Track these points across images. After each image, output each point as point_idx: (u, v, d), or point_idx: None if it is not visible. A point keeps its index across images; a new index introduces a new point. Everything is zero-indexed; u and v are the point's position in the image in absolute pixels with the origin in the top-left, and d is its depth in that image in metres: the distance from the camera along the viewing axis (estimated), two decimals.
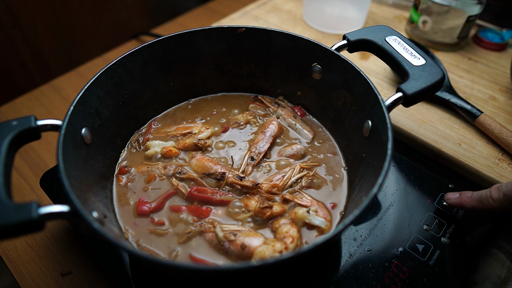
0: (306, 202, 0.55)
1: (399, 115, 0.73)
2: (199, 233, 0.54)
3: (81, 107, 0.53)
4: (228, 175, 0.58)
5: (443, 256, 0.55)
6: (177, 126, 0.67)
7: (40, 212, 0.40)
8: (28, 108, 0.84)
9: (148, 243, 0.53)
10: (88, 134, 0.54)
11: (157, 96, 0.68)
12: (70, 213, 0.42)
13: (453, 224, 0.59)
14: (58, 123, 0.49)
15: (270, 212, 0.53)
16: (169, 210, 0.56)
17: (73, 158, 0.49)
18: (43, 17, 1.19)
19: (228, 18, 0.96)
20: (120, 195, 0.59)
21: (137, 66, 0.62)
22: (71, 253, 0.60)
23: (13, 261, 0.60)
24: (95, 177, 0.55)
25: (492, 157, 0.65)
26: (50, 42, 1.24)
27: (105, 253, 0.55)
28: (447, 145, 0.67)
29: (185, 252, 0.52)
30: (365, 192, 0.47)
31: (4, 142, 0.45)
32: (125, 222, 0.56)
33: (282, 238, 0.51)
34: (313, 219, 0.53)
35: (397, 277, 0.53)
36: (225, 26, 0.64)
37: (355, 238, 0.57)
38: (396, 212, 0.60)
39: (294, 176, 0.58)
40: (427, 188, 0.63)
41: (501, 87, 0.79)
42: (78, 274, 0.58)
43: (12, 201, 0.40)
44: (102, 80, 0.57)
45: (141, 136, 0.66)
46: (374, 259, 0.55)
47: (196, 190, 0.57)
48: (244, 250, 0.50)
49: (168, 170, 0.60)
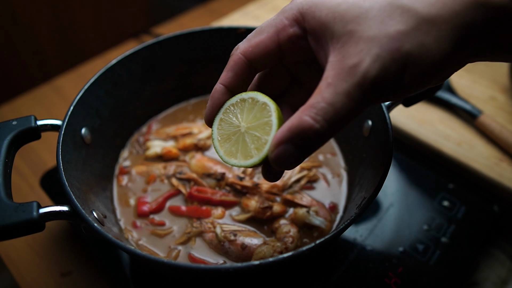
0: (306, 203, 0.55)
1: (399, 115, 0.73)
2: (199, 233, 0.54)
3: (81, 107, 0.53)
4: (228, 175, 0.58)
5: (443, 256, 0.55)
6: (177, 126, 0.67)
7: (40, 212, 0.40)
8: (28, 108, 0.84)
9: (148, 243, 0.53)
10: (88, 134, 0.54)
11: (157, 96, 0.68)
12: (70, 213, 0.42)
13: (453, 224, 0.59)
14: (58, 123, 0.49)
15: (270, 212, 0.54)
16: (169, 211, 0.57)
17: (73, 158, 0.49)
18: (43, 17, 1.19)
19: (228, 18, 0.96)
20: (120, 196, 0.59)
21: (137, 66, 0.62)
22: (71, 253, 0.60)
23: (13, 261, 0.60)
24: (95, 177, 0.55)
25: (492, 157, 0.65)
26: (50, 42, 1.24)
27: (105, 253, 0.55)
28: (447, 145, 0.67)
29: (185, 252, 0.52)
30: (365, 192, 0.47)
31: (4, 142, 0.45)
32: (125, 222, 0.56)
33: (282, 238, 0.51)
34: (313, 219, 0.53)
35: (397, 277, 0.53)
36: (225, 27, 0.64)
37: (355, 238, 0.57)
38: (396, 212, 0.60)
39: (294, 176, 0.58)
40: (427, 188, 0.63)
41: (501, 87, 0.79)
42: (78, 274, 0.58)
43: (12, 201, 0.40)
44: (102, 80, 0.57)
45: (141, 137, 0.66)
46: (374, 259, 0.55)
47: (196, 190, 0.57)
48: (244, 250, 0.50)
49: (168, 171, 0.60)
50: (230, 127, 0.39)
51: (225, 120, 0.40)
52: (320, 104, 0.31)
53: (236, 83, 0.39)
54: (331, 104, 0.31)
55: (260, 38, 0.38)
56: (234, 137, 0.39)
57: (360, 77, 0.31)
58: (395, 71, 0.31)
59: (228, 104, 0.40)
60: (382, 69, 0.31)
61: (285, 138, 0.32)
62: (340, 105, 0.31)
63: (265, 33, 0.37)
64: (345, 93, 0.31)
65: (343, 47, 0.32)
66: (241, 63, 0.38)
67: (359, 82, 0.31)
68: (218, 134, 0.40)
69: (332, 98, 0.31)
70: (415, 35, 0.30)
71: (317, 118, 0.31)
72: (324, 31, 0.34)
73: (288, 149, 0.32)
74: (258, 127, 0.38)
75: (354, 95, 0.31)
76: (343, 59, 0.32)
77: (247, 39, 0.39)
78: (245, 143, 0.38)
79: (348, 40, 0.32)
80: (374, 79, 0.31)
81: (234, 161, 0.38)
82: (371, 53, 0.31)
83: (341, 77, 0.31)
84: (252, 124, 0.38)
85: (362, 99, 0.31)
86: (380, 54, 0.31)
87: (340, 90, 0.31)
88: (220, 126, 0.40)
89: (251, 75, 0.40)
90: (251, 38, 0.38)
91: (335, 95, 0.31)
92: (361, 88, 0.31)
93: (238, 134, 0.39)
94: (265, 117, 0.37)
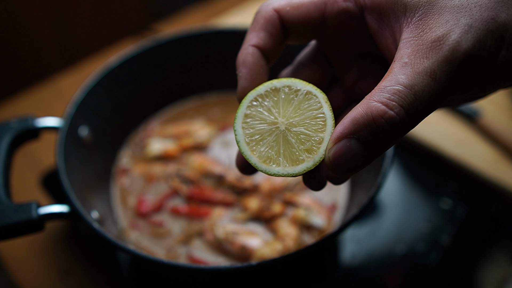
0: (306, 203, 0.55)
1: None
2: (199, 233, 0.54)
3: (81, 107, 0.53)
4: (227, 176, 0.58)
5: (444, 256, 0.55)
6: (177, 126, 0.67)
7: (40, 213, 0.40)
8: (28, 108, 0.84)
9: (147, 243, 0.53)
10: (87, 134, 0.54)
11: (157, 96, 0.68)
12: (70, 213, 0.42)
13: (453, 224, 0.59)
14: (58, 123, 0.49)
15: (270, 213, 0.53)
16: (168, 211, 0.56)
17: (73, 158, 0.49)
18: (43, 16, 1.19)
19: (228, 15, 0.96)
20: (119, 195, 0.59)
21: (137, 66, 0.62)
22: (70, 253, 0.60)
23: (13, 261, 0.60)
24: (95, 177, 0.55)
25: (492, 157, 0.65)
26: (49, 41, 1.24)
27: (105, 254, 0.55)
28: (447, 145, 0.67)
29: (185, 252, 0.52)
30: (365, 192, 0.47)
31: (4, 142, 0.45)
32: (124, 222, 0.56)
33: (282, 238, 0.51)
34: (313, 220, 0.53)
35: (397, 277, 0.53)
36: (225, 29, 0.64)
37: (355, 238, 0.57)
38: (396, 212, 0.60)
39: None
40: (427, 188, 0.63)
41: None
42: (78, 274, 0.58)
43: (12, 201, 0.40)
44: (102, 80, 0.57)
45: (140, 136, 0.66)
46: (374, 259, 0.55)
47: (196, 190, 0.57)
48: (244, 251, 0.50)
49: (168, 171, 0.60)
50: (262, 125, 0.30)
51: (253, 116, 0.30)
52: (394, 87, 0.25)
53: (272, 46, 0.32)
54: (410, 87, 0.24)
55: (303, 0, 0.31)
56: (271, 137, 0.30)
57: (448, 51, 0.24)
58: (491, 46, 0.25)
59: (254, 95, 0.31)
60: (476, 41, 0.24)
61: (349, 131, 0.25)
62: (421, 87, 0.24)
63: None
64: (427, 72, 0.24)
65: (421, 20, 0.26)
66: (275, 21, 0.31)
67: (447, 58, 0.24)
68: (245, 135, 0.30)
69: (411, 79, 0.24)
70: (510, 4, 0.25)
71: (391, 104, 0.24)
72: (393, 4, 0.28)
73: (351, 145, 0.25)
74: (304, 122, 0.30)
75: (440, 75, 0.24)
76: (423, 34, 0.25)
77: None
78: (289, 144, 0.30)
79: (428, 11, 0.26)
80: (467, 53, 0.24)
81: (277, 169, 0.29)
82: (460, 23, 0.25)
83: (422, 54, 0.25)
84: (295, 119, 0.30)
85: (450, 80, 0.25)
86: (472, 24, 0.24)
87: (420, 69, 0.24)
88: (246, 124, 0.30)
89: (283, 44, 0.32)
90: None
91: (414, 75, 0.24)
92: (449, 65, 0.24)
93: (276, 133, 0.30)
94: (313, 110, 0.30)
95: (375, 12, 0.29)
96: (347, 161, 0.26)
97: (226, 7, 1.06)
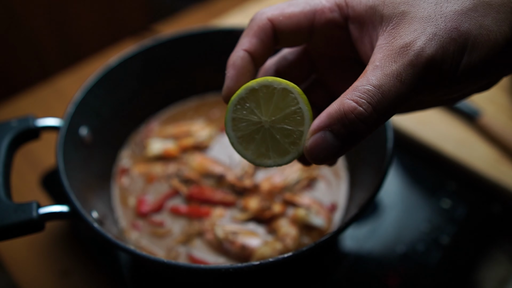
0: (306, 203, 0.55)
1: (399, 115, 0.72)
2: (199, 233, 0.54)
3: (81, 107, 0.53)
4: (228, 175, 0.58)
5: (444, 256, 0.55)
6: (177, 126, 0.67)
7: (40, 212, 0.40)
8: (28, 108, 0.84)
9: (148, 243, 0.53)
10: (88, 134, 0.54)
11: (157, 96, 0.68)
12: (70, 213, 0.42)
13: (453, 225, 0.59)
14: (58, 123, 0.49)
15: (270, 213, 0.53)
16: (169, 211, 0.57)
17: (73, 158, 0.49)
18: (43, 16, 1.19)
19: (228, 16, 0.96)
20: (120, 195, 0.59)
21: (137, 66, 0.62)
22: (70, 253, 0.60)
23: (13, 261, 0.60)
24: (95, 177, 0.55)
25: (492, 157, 0.65)
26: (49, 41, 1.24)
27: (105, 254, 0.55)
28: (447, 145, 0.67)
29: (185, 252, 0.52)
30: (365, 192, 0.47)
31: (4, 142, 0.45)
32: (125, 222, 0.56)
33: (282, 238, 0.51)
34: (313, 220, 0.53)
35: (397, 277, 0.53)
36: (225, 29, 0.64)
37: (355, 238, 0.57)
38: (396, 212, 0.60)
39: (294, 176, 0.58)
40: (427, 188, 0.63)
41: (501, 87, 0.79)
42: (78, 274, 0.58)
43: (12, 201, 0.40)
44: (102, 80, 0.57)
45: (141, 137, 0.66)
46: (374, 259, 0.55)
47: (196, 190, 0.57)
48: (244, 251, 0.50)
49: (168, 171, 0.60)
50: (249, 126, 0.34)
51: (239, 119, 0.34)
52: (364, 86, 0.28)
53: (262, 52, 0.34)
54: (378, 87, 0.27)
55: (294, 11, 0.34)
56: (258, 135, 0.34)
57: (413, 55, 0.27)
58: (453, 53, 0.27)
59: (237, 99, 0.33)
60: (439, 48, 0.27)
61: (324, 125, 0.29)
62: (388, 87, 0.27)
63: (301, 8, 0.34)
64: (394, 74, 0.27)
65: (393, 28, 0.29)
66: (268, 30, 0.34)
67: (412, 62, 0.27)
68: (237, 136, 0.34)
69: (379, 80, 0.28)
70: (472, 16, 0.27)
71: (360, 101, 0.27)
72: (372, 15, 0.31)
73: (326, 137, 0.29)
74: (285, 118, 0.33)
75: (405, 77, 0.27)
76: (394, 41, 0.29)
77: (278, 7, 0.34)
78: (275, 139, 0.33)
79: (399, 21, 0.29)
80: (430, 58, 0.27)
81: (269, 162, 0.34)
82: (426, 32, 0.28)
83: (391, 58, 0.28)
84: (277, 116, 0.33)
85: (415, 82, 0.27)
86: (436, 32, 0.27)
87: (388, 71, 0.28)
88: (236, 126, 0.34)
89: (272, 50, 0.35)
90: (284, 8, 0.34)
91: (382, 76, 0.28)
92: (414, 69, 0.27)
93: (262, 132, 0.33)
94: (291, 106, 0.32)
95: (357, 22, 0.32)
96: (322, 150, 0.29)
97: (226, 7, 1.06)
